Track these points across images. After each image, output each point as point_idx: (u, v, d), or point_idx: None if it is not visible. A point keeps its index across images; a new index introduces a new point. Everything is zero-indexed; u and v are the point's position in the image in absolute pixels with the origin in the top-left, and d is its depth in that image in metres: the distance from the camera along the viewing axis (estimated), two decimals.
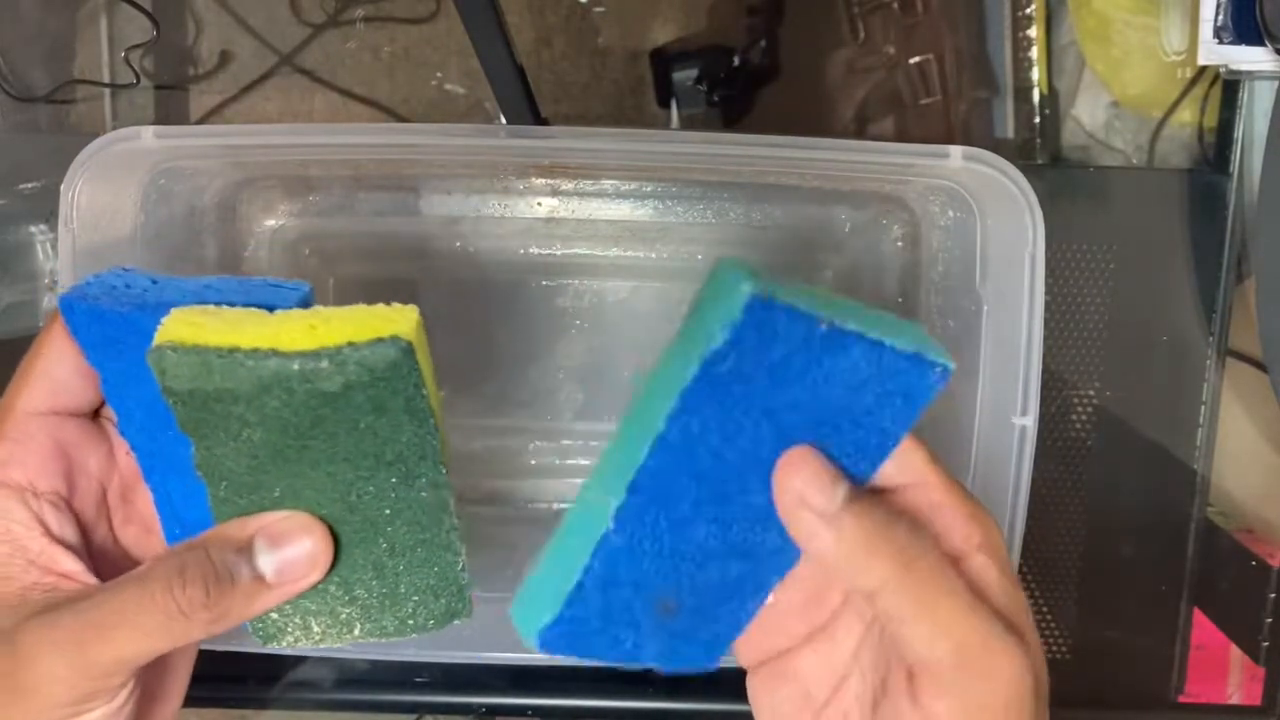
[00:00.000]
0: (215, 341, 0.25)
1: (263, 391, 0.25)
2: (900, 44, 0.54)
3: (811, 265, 0.51)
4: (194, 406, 0.26)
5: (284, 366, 0.25)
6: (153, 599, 0.26)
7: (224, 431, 0.26)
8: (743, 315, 0.23)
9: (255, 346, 0.25)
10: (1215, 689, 0.55)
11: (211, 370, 0.25)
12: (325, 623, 0.30)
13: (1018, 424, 0.40)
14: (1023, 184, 0.38)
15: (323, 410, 0.26)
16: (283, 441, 0.26)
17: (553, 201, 0.50)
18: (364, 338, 0.25)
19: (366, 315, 0.26)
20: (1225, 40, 0.49)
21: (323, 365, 0.25)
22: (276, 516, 0.27)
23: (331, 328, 0.25)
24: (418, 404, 0.26)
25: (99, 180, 0.39)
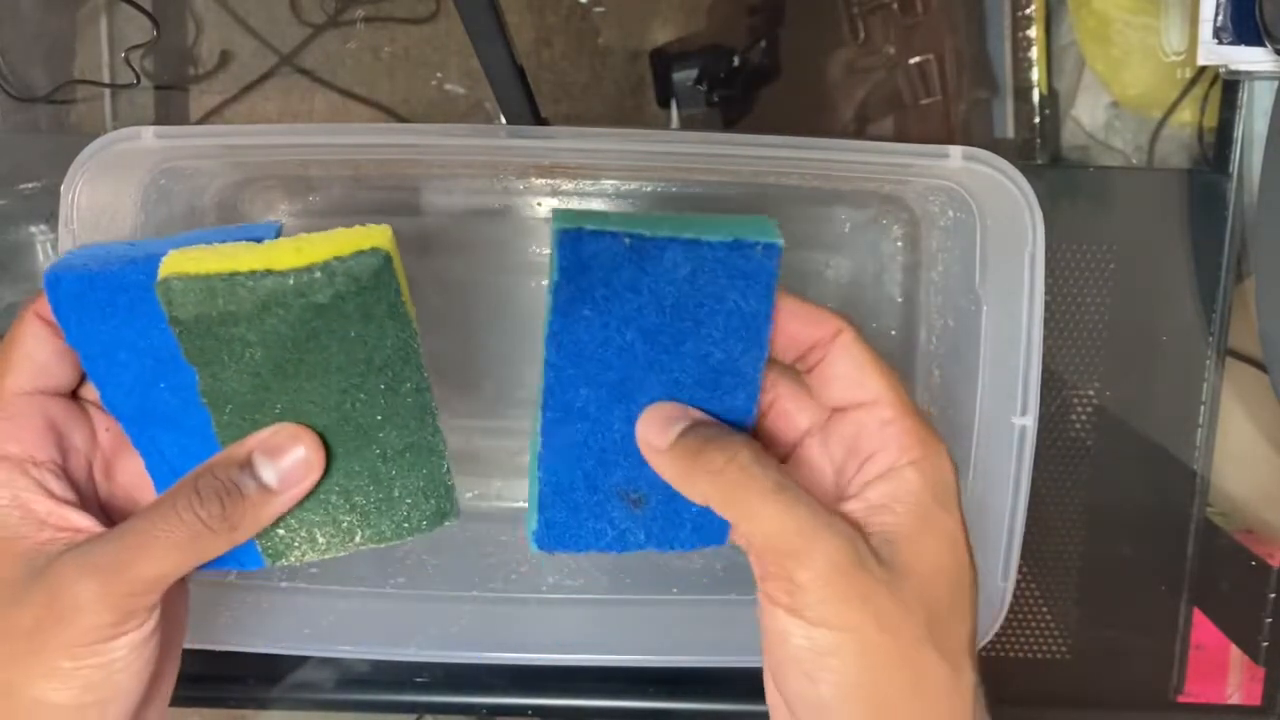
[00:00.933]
0: (216, 269, 0.27)
1: (262, 310, 0.28)
2: (900, 44, 0.54)
3: (811, 265, 0.51)
4: (199, 333, 0.28)
5: (280, 283, 0.28)
6: (179, 517, 0.28)
7: (228, 354, 0.29)
8: (558, 249, 0.29)
9: (252, 269, 0.27)
10: (1215, 689, 0.55)
11: (215, 294, 0.27)
12: (329, 533, 0.32)
13: (1018, 424, 0.40)
14: (1022, 184, 0.38)
15: (316, 323, 0.28)
16: (282, 357, 0.29)
17: (553, 201, 0.50)
18: (348, 251, 0.28)
19: (346, 234, 0.29)
20: (1225, 40, 0.49)
21: (316, 277, 0.28)
22: (268, 432, 0.30)
23: (316, 247, 0.28)
24: (399, 309, 0.29)
25: (99, 180, 0.39)
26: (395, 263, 0.29)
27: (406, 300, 0.30)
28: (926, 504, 0.28)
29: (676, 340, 0.30)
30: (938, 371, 0.48)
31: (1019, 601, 0.54)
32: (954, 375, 0.46)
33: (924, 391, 0.49)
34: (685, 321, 0.30)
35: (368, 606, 0.45)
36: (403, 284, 0.30)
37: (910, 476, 0.29)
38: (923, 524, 0.28)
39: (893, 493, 0.29)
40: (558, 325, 0.30)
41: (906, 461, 0.29)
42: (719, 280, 0.30)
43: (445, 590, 0.45)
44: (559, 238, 0.28)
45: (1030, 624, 0.54)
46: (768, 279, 0.30)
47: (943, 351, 0.47)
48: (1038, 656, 0.54)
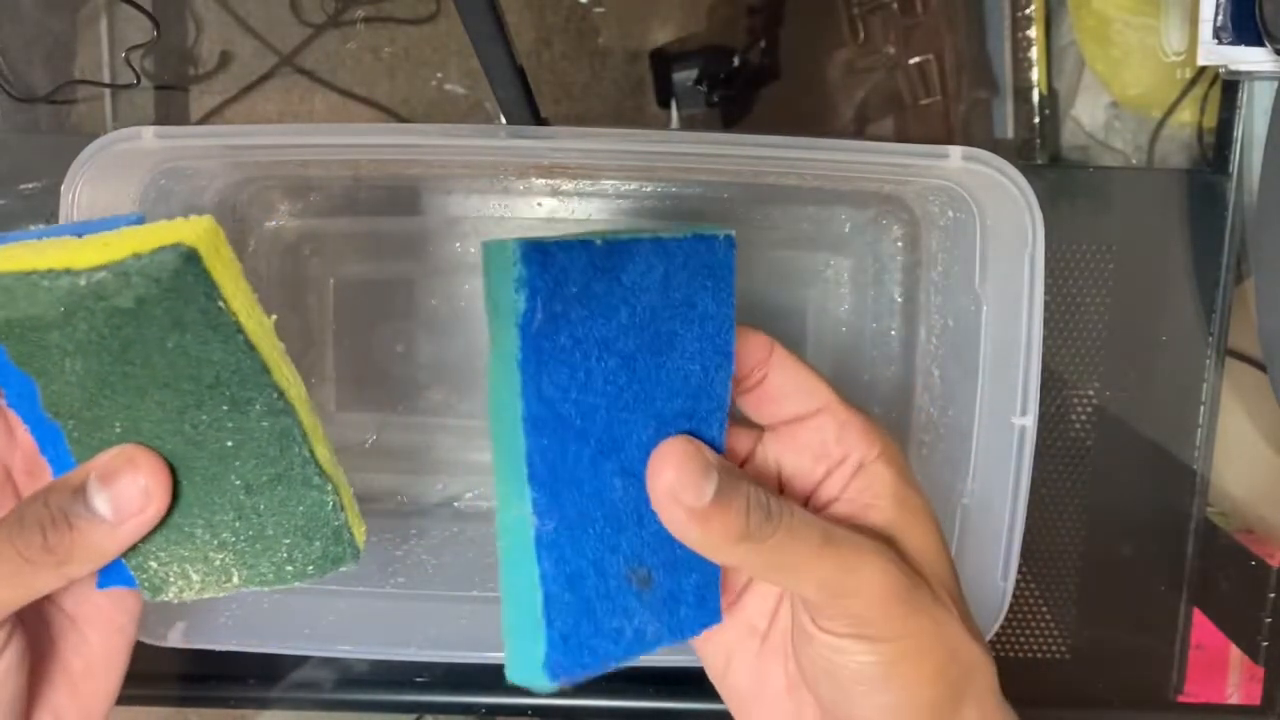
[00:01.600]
0: (14, 267, 0.25)
1: (69, 315, 0.25)
2: (900, 44, 0.54)
3: (811, 265, 0.52)
4: (15, 339, 0.26)
5: (74, 284, 0.24)
6: None
7: (50, 364, 0.26)
8: (524, 267, 0.24)
9: (50, 267, 0.24)
10: (1215, 689, 0.55)
11: (14, 296, 0.25)
12: (202, 570, 0.29)
13: (1017, 424, 0.40)
14: (1022, 184, 0.38)
15: (126, 330, 0.25)
16: (102, 368, 0.26)
17: (553, 202, 0.50)
18: (149, 248, 0.24)
19: (159, 229, 0.26)
20: (1225, 40, 0.49)
21: (106, 278, 0.24)
22: (107, 455, 0.27)
23: (123, 243, 0.25)
24: (217, 318, 0.26)
25: (99, 180, 0.39)
26: (211, 261, 0.25)
27: (236, 308, 0.26)
28: (901, 491, 0.30)
29: (655, 362, 0.27)
30: (938, 371, 0.48)
31: (1019, 601, 0.54)
32: (954, 375, 0.46)
33: (924, 391, 0.49)
34: (661, 337, 0.27)
35: (368, 606, 0.45)
36: (226, 287, 0.26)
37: (882, 470, 0.30)
38: (904, 510, 0.30)
39: (872, 489, 0.30)
40: (532, 367, 0.25)
41: (875, 456, 0.30)
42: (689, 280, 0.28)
43: (445, 590, 0.45)
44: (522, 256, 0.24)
45: (1030, 624, 0.54)
46: (729, 275, 0.29)
47: (943, 351, 0.47)
48: (1038, 656, 0.54)
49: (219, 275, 0.26)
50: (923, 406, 0.49)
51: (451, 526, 0.50)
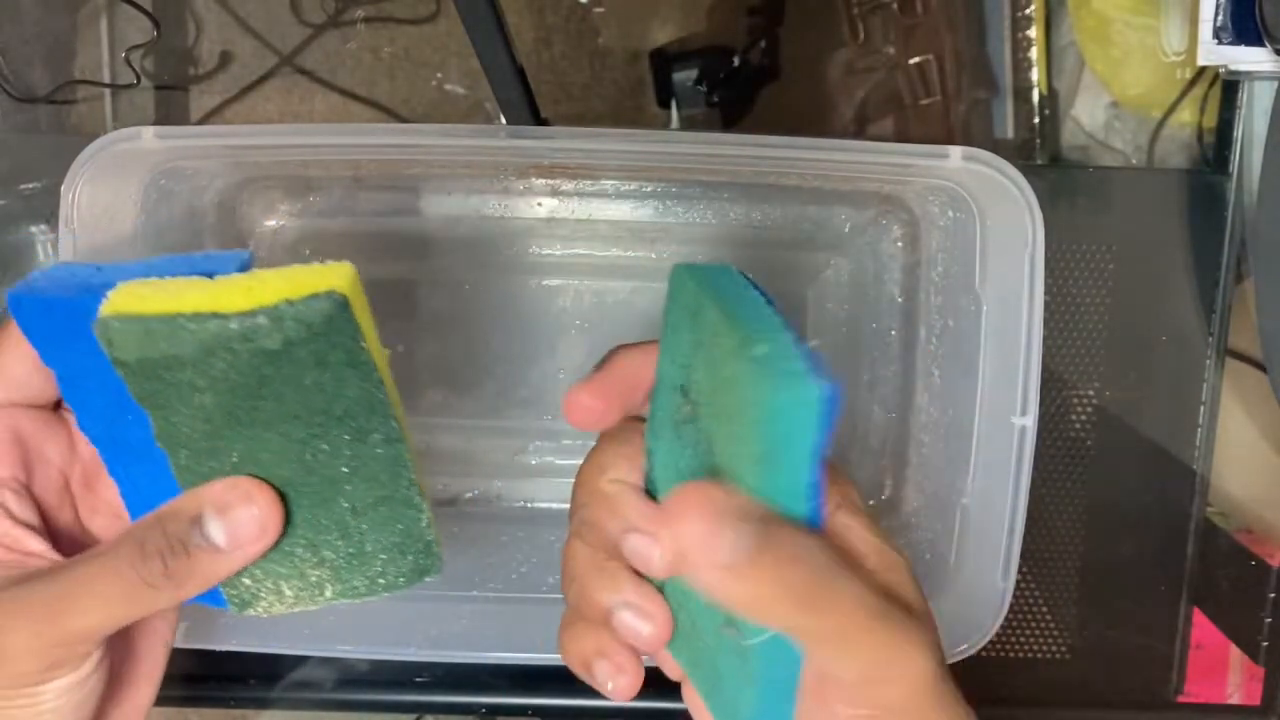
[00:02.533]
0: (157, 309, 0.25)
1: (208, 354, 0.26)
2: (900, 44, 0.54)
3: (811, 265, 0.52)
4: (145, 376, 0.26)
5: (223, 327, 0.25)
6: (117, 572, 0.27)
7: (177, 399, 0.27)
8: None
9: (196, 310, 0.25)
10: (1215, 689, 0.55)
11: (156, 337, 0.25)
12: (296, 586, 0.30)
13: (1018, 424, 0.40)
14: (1022, 184, 0.38)
15: (267, 369, 0.26)
16: (233, 403, 0.27)
17: (553, 202, 0.50)
18: (299, 294, 0.26)
19: (302, 274, 0.26)
20: (1225, 41, 0.49)
21: (261, 323, 0.25)
22: (222, 485, 0.28)
23: (268, 287, 0.26)
24: (359, 357, 0.27)
25: (99, 181, 0.39)
26: (355, 306, 0.27)
27: (370, 346, 0.27)
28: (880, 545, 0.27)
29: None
30: (938, 371, 0.48)
31: (1019, 601, 0.54)
32: (954, 375, 0.46)
33: (924, 391, 0.49)
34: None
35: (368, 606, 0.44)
36: (365, 328, 0.27)
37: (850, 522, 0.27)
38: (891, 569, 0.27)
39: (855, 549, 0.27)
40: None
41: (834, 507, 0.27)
42: None
43: (445, 590, 0.45)
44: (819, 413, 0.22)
45: (1030, 624, 0.54)
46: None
47: (943, 351, 0.47)
48: (1038, 656, 0.54)
49: (362, 319, 0.27)
50: (923, 406, 0.49)
51: (452, 527, 0.50)
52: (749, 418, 0.23)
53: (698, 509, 0.21)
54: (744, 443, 0.23)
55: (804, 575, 0.22)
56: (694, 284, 0.27)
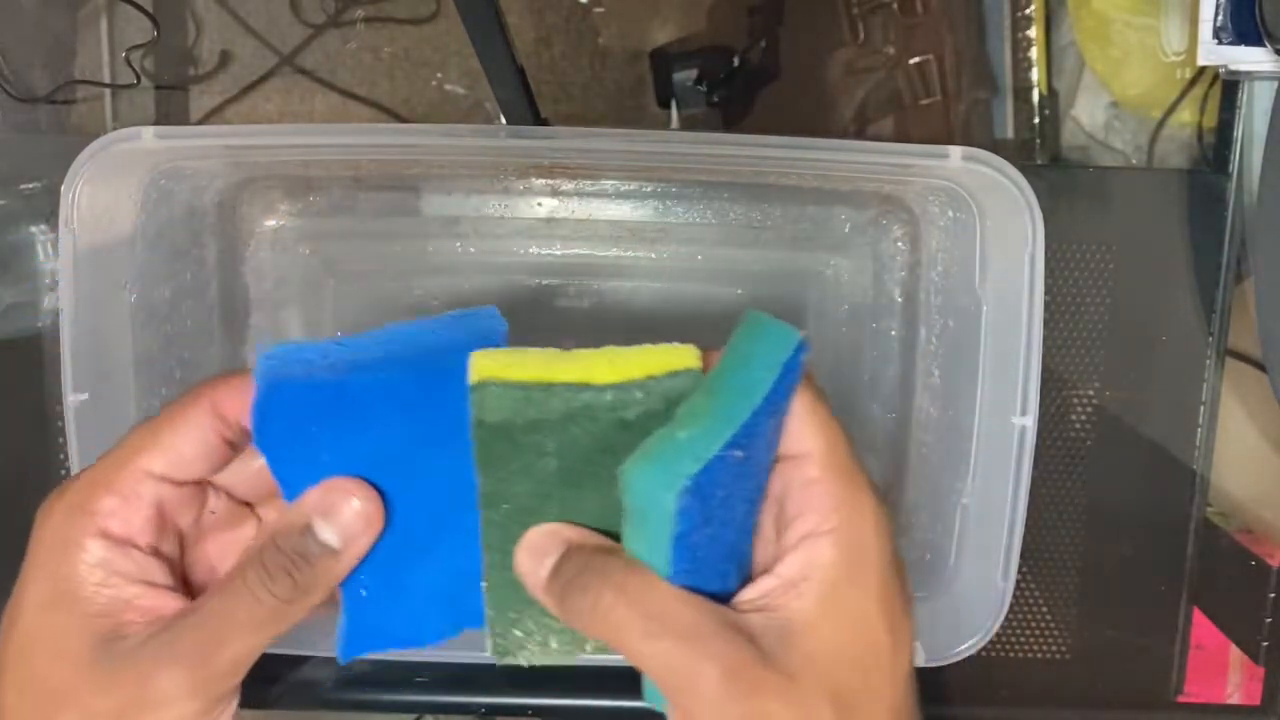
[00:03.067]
0: (535, 377, 0.27)
1: (569, 421, 0.27)
2: (900, 44, 0.54)
3: (811, 265, 0.52)
4: (499, 438, 0.28)
5: (597, 398, 0.27)
6: (254, 597, 0.28)
7: (520, 460, 0.28)
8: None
9: (569, 381, 0.27)
10: (1215, 689, 0.55)
11: (528, 403, 0.27)
12: (564, 639, 0.31)
13: (1018, 424, 0.40)
14: (1022, 184, 0.38)
15: (616, 438, 0.28)
16: (573, 466, 0.28)
17: (553, 202, 0.50)
18: (662, 370, 0.28)
19: (654, 352, 0.28)
20: (1225, 40, 0.49)
21: (635, 396, 0.27)
22: (317, 492, 0.29)
23: (630, 363, 0.28)
24: None
25: (99, 180, 0.39)
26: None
27: None
28: (835, 582, 0.27)
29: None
30: (938, 371, 0.48)
31: (1019, 601, 0.54)
32: (954, 375, 0.46)
33: (924, 391, 0.49)
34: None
35: None
36: None
37: (823, 549, 0.27)
38: (827, 607, 0.26)
39: (804, 569, 0.27)
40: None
41: (825, 530, 0.27)
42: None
43: None
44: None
45: (1030, 624, 0.54)
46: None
47: (943, 351, 0.47)
48: (1038, 656, 0.54)
49: None
50: (923, 406, 0.49)
51: None
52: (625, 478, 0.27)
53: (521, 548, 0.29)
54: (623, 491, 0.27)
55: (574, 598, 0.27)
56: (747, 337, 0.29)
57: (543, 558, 0.28)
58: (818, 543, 0.27)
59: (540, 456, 0.28)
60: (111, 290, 0.41)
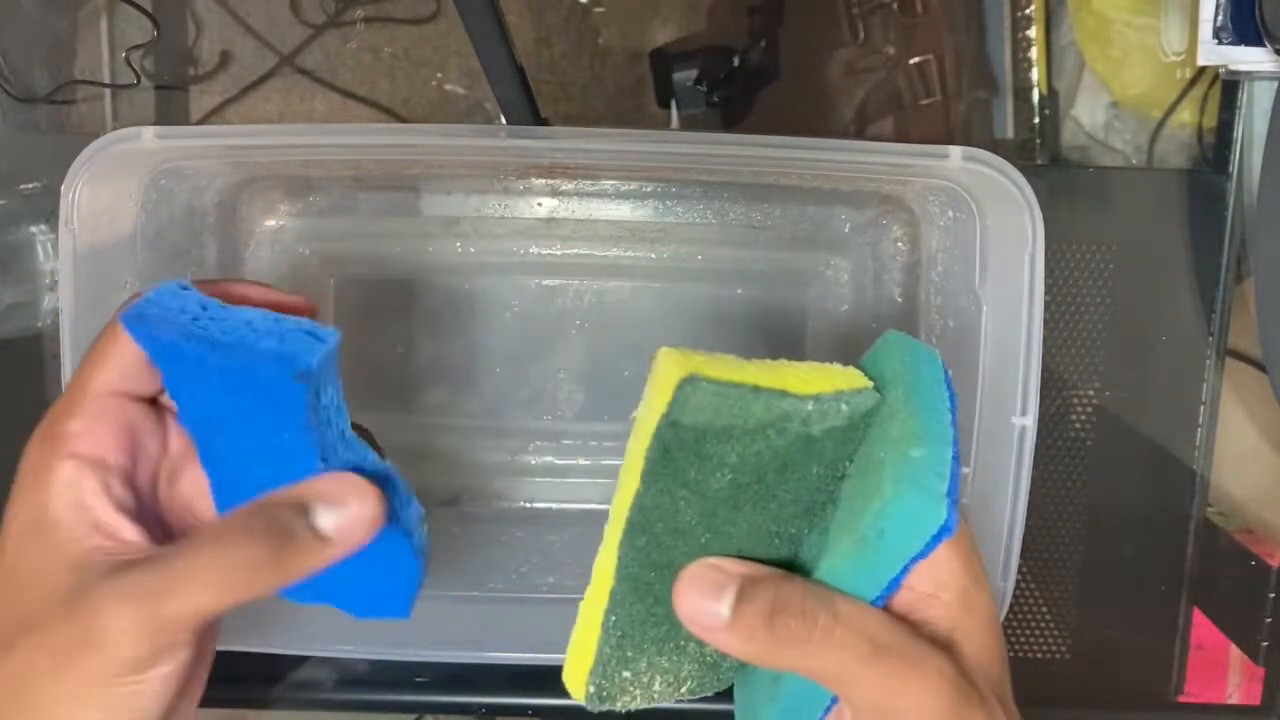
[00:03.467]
0: (739, 378, 0.25)
1: (760, 431, 0.26)
2: (900, 44, 0.54)
3: (811, 265, 0.52)
4: (684, 445, 0.26)
5: (798, 407, 0.26)
6: (222, 554, 0.27)
7: (698, 472, 0.26)
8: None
9: (772, 387, 0.25)
10: (1215, 689, 0.55)
11: (737, 406, 0.25)
12: (668, 681, 0.30)
13: (1017, 424, 0.40)
14: (1022, 184, 0.38)
15: (795, 454, 0.27)
16: (745, 483, 0.27)
17: (553, 202, 0.50)
18: (850, 387, 0.27)
19: (830, 370, 0.27)
20: (1225, 41, 0.49)
21: (840, 408, 0.26)
22: (329, 479, 0.29)
23: (817, 377, 0.27)
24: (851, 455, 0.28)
25: (99, 181, 0.39)
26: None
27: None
28: (967, 587, 0.28)
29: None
30: None
31: (1019, 601, 0.54)
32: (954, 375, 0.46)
33: None
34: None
35: None
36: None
37: (950, 559, 0.28)
38: (968, 610, 0.28)
39: (936, 577, 0.28)
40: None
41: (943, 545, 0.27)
42: None
43: (445, 591, 0.45)
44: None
45: (1030, 624, 0.54)
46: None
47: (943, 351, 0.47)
48: (1038, 656, 0.54)
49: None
50: None
51: (452, 528, 0.50)
52: (871, 501, 0.26)
53: (686, 586, 0.27)
54: (854, 517, 0.26)
55: (787, 626, 0.26)
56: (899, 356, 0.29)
57: (719, 593, 0.26)
58: (940, 553, 0.27)
59: (718, 469, 0.26)
60: (111, 291, 0.41)
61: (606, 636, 0.28)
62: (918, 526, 0.25)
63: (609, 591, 0.28)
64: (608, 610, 0.28)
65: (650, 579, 0.27)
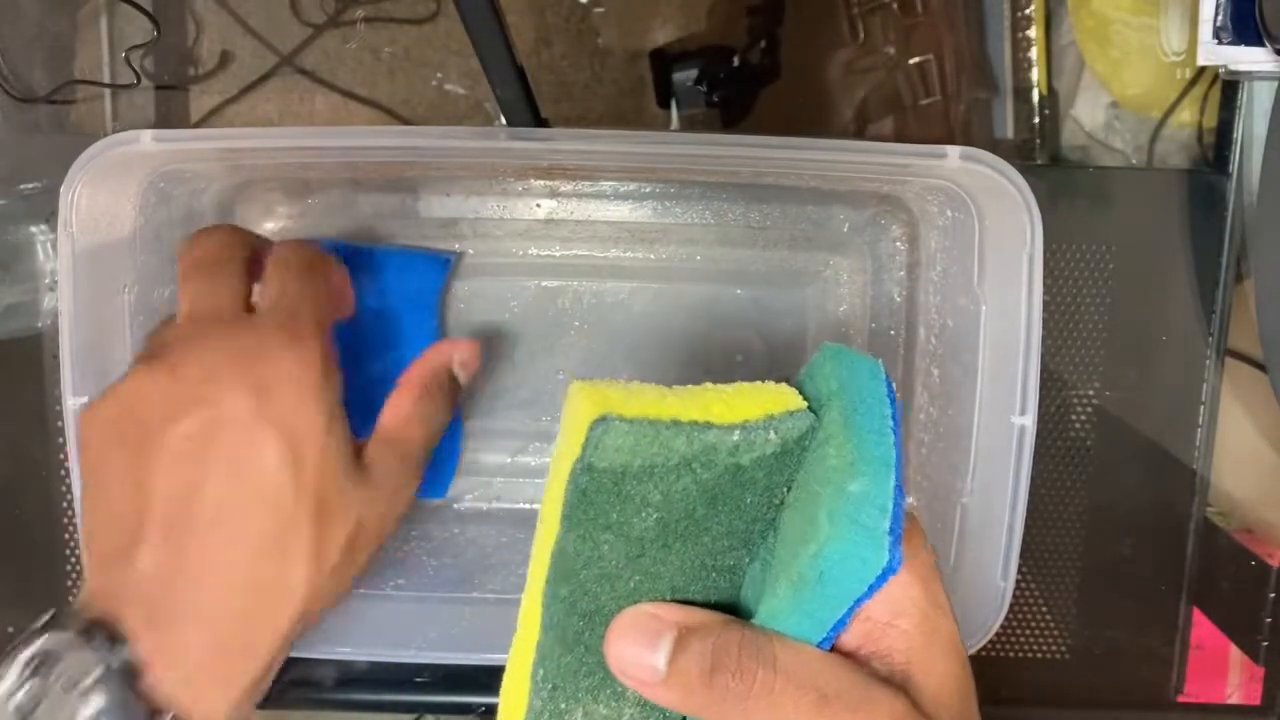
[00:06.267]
0: (657, 413, 0.24)
1: (684, 466, 0.24)
2: (900, 44, 0.54)
3: (811, 265, 0.51)
4: (603, 488, 0.24)
5: (722, 439, 0.24)
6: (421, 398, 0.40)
7: (620, 514, 0.25)
8: None
9: (693, 419, 0.24)
10: (1215, 689, 0.55)
11: (652, 442, 0.23)
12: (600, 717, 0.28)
13: (1017, 423, 0.40)
14: (1020, 183, 0.38)
15: (724, 487, 0.25)
16: (671, 522, 0.25)
17: (551, 203, 0.50)
18: (781, 410, 0.25)
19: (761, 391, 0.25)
20: (1225, 41, 0.49)
21: (768, 436, 0.24)
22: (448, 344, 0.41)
23: (745, 402, 0.25)
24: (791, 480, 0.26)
25: (98, 183, 0.39)
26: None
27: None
28: (927, 611, 0.26)
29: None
30: (937, 371, 0.48)
31: (1019, 601, 0.54)
32: (954, 375, 0.46)
33: (924, 391, 0.49)
34: None
35: (368, 607, 0.45)
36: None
37: (909, 585, 0.26)
38: (930, 637, 0.26)
39: (894, 607, 0.26)
40: None
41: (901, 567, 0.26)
42: None
43: (445, 591, 0.45)
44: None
45: (1030, 624, 0.54)
46: None
47: (943, 351, 0.47)
48: (1038, 656, 0.54)
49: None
50: (923, 406, 0.49)
51: (452, 528, 0.50)
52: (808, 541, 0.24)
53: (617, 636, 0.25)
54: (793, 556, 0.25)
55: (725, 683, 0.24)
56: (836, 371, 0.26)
57: (654, 643, 0.25)
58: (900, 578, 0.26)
59: (642, 509, 0.25)
60: (111, 293, 0.41)
61: (537, 690, 0.27)
62: (859, 568, 0.23)
63: (535, 645, 0.26)
64: (535, 664, 0.26)
65: (579, 628, 0.26)
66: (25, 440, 0.51)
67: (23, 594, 0.52)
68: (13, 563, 0.51)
